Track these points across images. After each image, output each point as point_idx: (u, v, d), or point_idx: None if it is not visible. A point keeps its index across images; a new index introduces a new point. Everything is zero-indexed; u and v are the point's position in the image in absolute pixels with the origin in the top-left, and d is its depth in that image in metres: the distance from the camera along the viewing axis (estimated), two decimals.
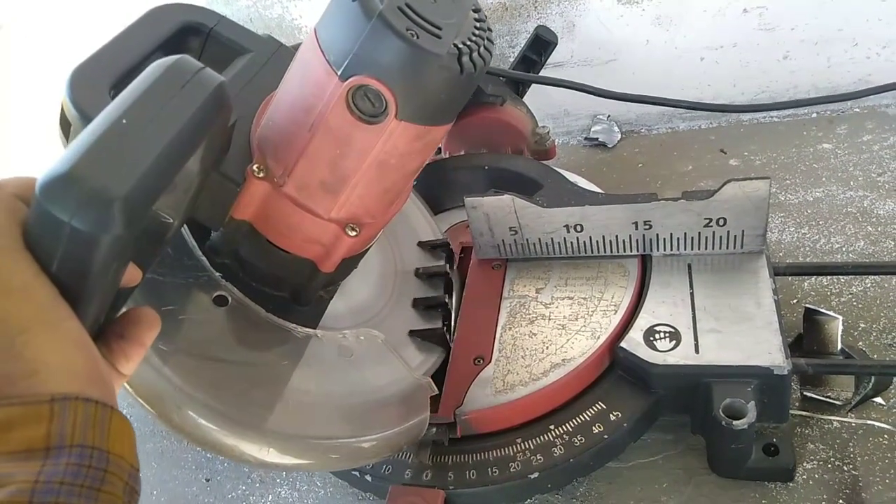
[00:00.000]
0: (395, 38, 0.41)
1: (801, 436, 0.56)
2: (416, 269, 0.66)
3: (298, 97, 0.47)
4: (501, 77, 0.82)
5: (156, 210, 0.37)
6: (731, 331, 0.55)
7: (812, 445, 0.55)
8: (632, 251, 0.63)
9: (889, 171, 0.77)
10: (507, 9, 0.90)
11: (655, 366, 0.54)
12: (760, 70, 0.88)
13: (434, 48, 0.42)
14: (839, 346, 0.57)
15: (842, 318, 0.57)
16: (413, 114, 0.44)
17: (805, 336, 0.59)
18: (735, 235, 0.60)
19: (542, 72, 0.86)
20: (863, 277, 0.66)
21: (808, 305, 0.59)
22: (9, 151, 1.21)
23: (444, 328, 0.62)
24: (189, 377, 0.45)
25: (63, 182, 0.30)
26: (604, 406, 0.56)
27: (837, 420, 0.56)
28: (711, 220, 0.59)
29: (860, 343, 0.61)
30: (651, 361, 0.55)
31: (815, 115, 0.88)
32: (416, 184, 0.65)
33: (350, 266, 0.56)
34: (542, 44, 0.84)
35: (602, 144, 0.95)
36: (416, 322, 0.63)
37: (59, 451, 0.28)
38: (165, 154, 0.32)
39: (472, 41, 0.44)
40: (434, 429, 0.56)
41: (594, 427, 0.55)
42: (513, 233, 0.65)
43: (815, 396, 0.57)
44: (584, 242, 0.64)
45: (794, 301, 0.66)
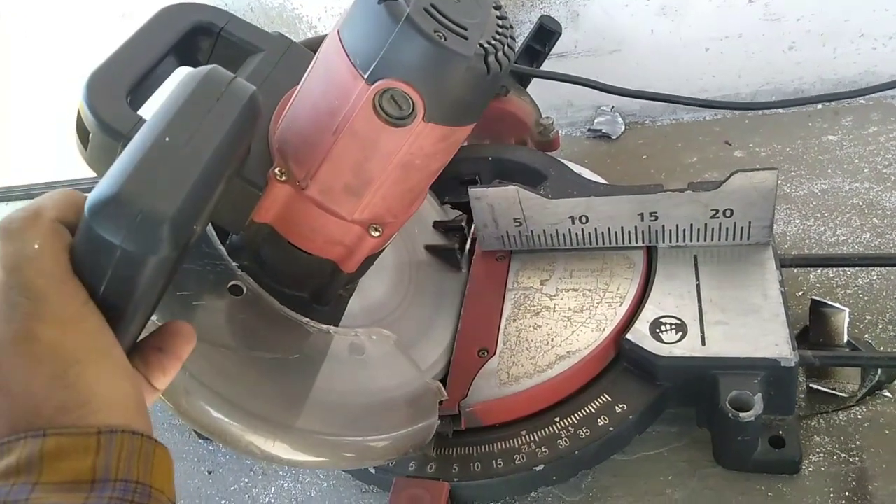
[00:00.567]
0: (423, 41, 0.40)
1: (808, 428, 0.56)
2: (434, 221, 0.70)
3: (321, 100, 0.46)
4: None
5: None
6: (738, 323, 0.55)
7: (818, 438, 0.55)
8: (637, 243, 0.63)
9: (895, 163, 0.77)
10: None
11: (661, 358, 0.54)
12: (766, 61, 0.87)
13: (462, 49, 0.41)
14: (845, 339, 0.57)
15: (848, 311, 0.57)
16: (440, 115, 0.44)
17: (811, 328, 0.59)
18: (742, 227, 0.59)
19: (546, 62, 0.85)
20: (869, 269, 0.66)
21: (815, 297, 0.59)
22: (9, 148, 1.21)
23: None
24: (200, 364, 0.45)
25: (113, 204, 0.30)
26: (609, 398, 0.56)
27: (844, 412, 0.56)
28: (718, 212, 0.59)
29: (866, 335, 0.61)
30: (657, 353, 0.54)
31: (821, 107, 0.87)
32: None
33: (369, 264, 0.55)
34: (546, 34, 0.83)
35: (606, 136, 0.95)
36: (432, 311, 0.63)
37: (104, 485, 0.29)
38: (208, 170, 0.33)
39: (497, 40, 0.43)
40: (439, 421, 0.55)
41: (599, 419, 0.55)
42: (517, 224, 0.65)
43: (822, 389, 0.57)
44: (590, 234, 0.63)
45: (800, 293, 0.66)
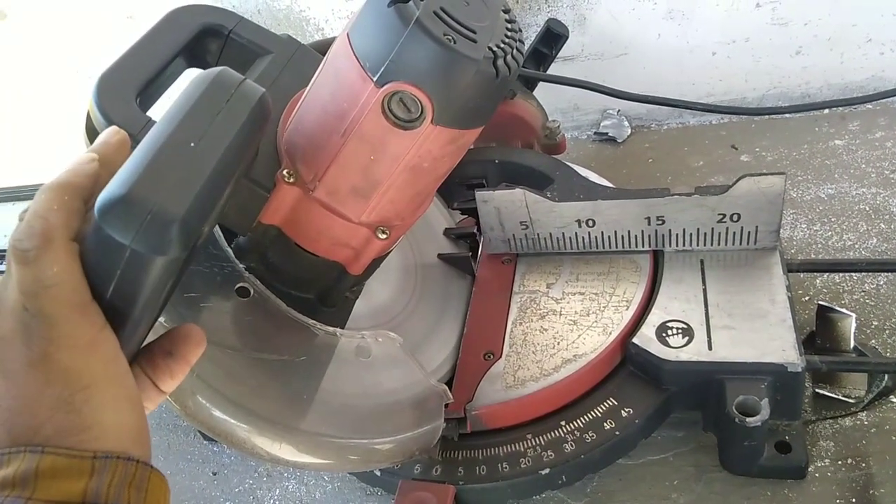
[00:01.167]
0: (433, 44, 0.40)
1: (814, 433, 0.56)
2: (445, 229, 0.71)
3: (330, 103, 0.46)
4: None
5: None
6: (745, 327, 0.55)
7: (824, 443, 0.55)
8: (644, 246, 0.63)
9: None
10: (518, 2, 0.89)
11: (668, 362, 0.54)
12: (773, 65, 0.87)
13: (471, 53, 0.41)
14: (852, 344, 0.57)
15: (855, 316, 0.57)
16: (448, 118, 0.44)
17: (818, 333, 0.59)
18: (749, 231, 0.59)
19: (553, 65, 0.85)
20: (876, 275, 0.66)
21: (821, 302, 0.59)
22: (17, 149, 1.21)
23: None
24: (206, 365, 0.45)
25: (122, 204, 0.30)
26: (615, 402, 0.56)
27: (850, 418, 0.56)
28: (725, 216, 0.59)
29: (873, 341, 0.61)
30: (663, 357, 0.54)
31: (828, 112, 0.87)
32: None
33: (376, 266, 0.56)
34: (553, 37, 0.83)
35: (612, 139, 0.95)
36: (438, 313, 0.63)
37: None
38: (217, 171, 0.33)
39: (506, 43, 0.43)
40: (444, 424, 0.55)
41: (605, 423, 0.54)
42: (524, 227, 0.65)
43: (828, 394, 0.57)
44: (596, 237, 0.63)
45: (807, 298, 0.66)
